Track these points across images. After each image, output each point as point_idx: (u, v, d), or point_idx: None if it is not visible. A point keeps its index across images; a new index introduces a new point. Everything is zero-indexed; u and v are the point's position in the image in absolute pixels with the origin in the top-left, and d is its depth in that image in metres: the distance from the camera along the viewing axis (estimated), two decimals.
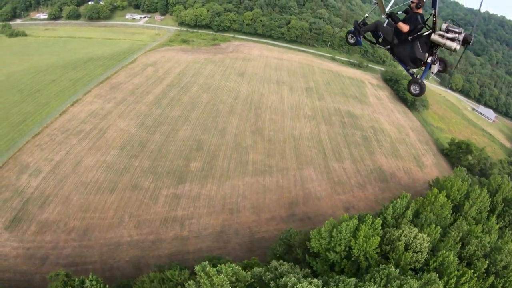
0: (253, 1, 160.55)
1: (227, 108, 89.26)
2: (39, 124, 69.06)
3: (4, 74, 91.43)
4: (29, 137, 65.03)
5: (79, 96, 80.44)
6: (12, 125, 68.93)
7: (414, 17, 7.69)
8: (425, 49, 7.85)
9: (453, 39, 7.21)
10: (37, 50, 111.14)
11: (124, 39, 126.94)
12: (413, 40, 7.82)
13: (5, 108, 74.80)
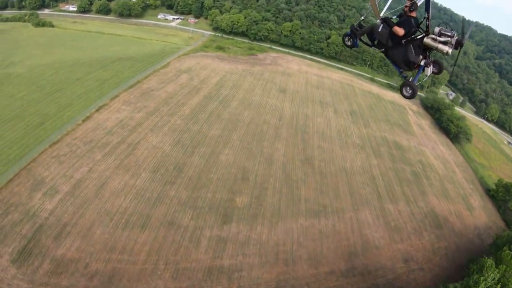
0: (292, 12, 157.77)
1: (272, 130, 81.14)
2: (59, 130, 61.66)
3: (26, 66, 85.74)
4: (46, 145, 57.55)
5: (105, 100, 73.26)
6: (28, 127, 61.89)
7: (408, 21, 7.97)
8: (419, 52, 8.16)
9: (446, 43, 7.52)
10: (63, 43, 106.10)
11: (156, 40, 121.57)
12: (406, 43, 8.13)
13: (22, 106, 68.16)
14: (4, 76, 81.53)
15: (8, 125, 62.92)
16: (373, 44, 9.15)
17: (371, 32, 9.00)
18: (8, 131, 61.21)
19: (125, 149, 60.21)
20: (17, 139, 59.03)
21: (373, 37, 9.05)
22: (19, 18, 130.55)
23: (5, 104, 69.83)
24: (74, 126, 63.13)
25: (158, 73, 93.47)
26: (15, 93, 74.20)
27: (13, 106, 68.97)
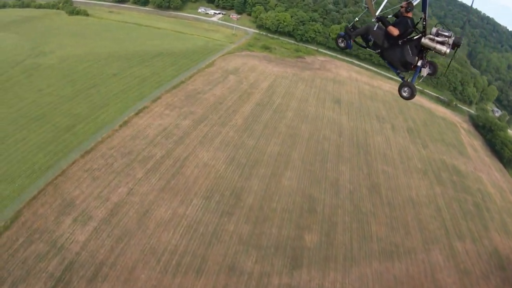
0: (341, 14, 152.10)
1: (334, 148, 71.18)
2: (92, 136, 53.07)
3: (57, 57, 79.03)
4: (77, 155, 49.00)
5: (146, 102, 64.59)
6: (57, 130, 53.85)
7: (404, 21, 8.20)
8: (415, 53, 8.35)
9: (443, 43, 7.74)
10: (98, 34, 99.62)
11: (198, 35, 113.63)
12: (403, 44, 8.33)
13: (51, 104, 60.51)
14: (33, 67, 74.90)
15: (34, 125, 55.14)
16: (368, 46, 9.11)
17: (366, 32, 9.04)
18: (33, 133, 53.28)
19: (171, 165, 50.72)
20: (44, 144, 50.87)
21: (368, 38, 9.09)
22: (52, 5, 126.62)
23: (31, 99, 62.53)
24: (110, 132, 54.44)
25: (203, 72, 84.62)
26: (43, 87, 67.02)
27: (40, 103, 61.48)
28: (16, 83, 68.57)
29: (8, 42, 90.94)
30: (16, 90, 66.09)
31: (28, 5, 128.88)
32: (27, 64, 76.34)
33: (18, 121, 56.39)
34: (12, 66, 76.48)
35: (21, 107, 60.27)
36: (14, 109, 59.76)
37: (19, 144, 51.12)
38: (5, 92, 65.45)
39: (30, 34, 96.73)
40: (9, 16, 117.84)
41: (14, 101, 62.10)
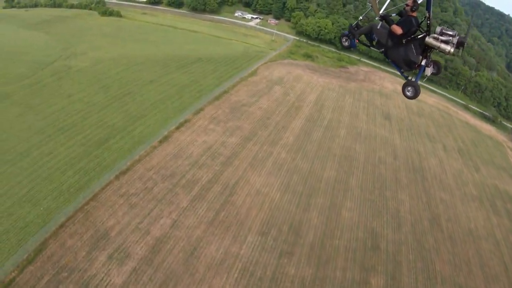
0: None
1: (391, 173, 64.90)
2: (129, 153, 46.92)
3: (89, 59, 74.65)
4: (112, 175, 42.79)
5: (187, 114, 58.46)
6: (88, 144, 48.09)
7: (409, 20, 8.28)
8: (419, 52, 8.49)
9: (447, 42, 7.82)
10: (132, 36, 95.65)
11: (236, 40, 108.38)
12: (407, 43, 8.45)
13: (82, 112, 55.23)
14: (63, 69, 70.59)
15: (62, 136, 49.60)
16: (372, 45, 9.30)
17: (370, 31, 9.14)
18: (62, 146, 47.65)
19: (220, 192, 43.76)
20: (73, 160, 45.00)
21: (372, 37, 9.17)
22: (85, 5, 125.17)
23: (61, 106, 57.50)
24: (148, 149, 48.18)
25: (246, 82, 78.35)
26: (74, 93, 62.15)
27: (70, 110, 56.30)
28: (44, 87, 64.13)
29: (39, 41, 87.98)
30: (45, 95, 61.45)
31: (60, 5, 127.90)
32: (57, 66, 72.19)
33: (45, 130, 51.13)
34: (41, 68, 72.57)
35: (48, 114, 55.22)
36: (41, 116, 54.75)
37: (46, 159, 45.54)
38: (32, 97, 60.95)
39: (62, 34, 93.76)
40: (40, 16, 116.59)
41: (41, 107, 57.26)
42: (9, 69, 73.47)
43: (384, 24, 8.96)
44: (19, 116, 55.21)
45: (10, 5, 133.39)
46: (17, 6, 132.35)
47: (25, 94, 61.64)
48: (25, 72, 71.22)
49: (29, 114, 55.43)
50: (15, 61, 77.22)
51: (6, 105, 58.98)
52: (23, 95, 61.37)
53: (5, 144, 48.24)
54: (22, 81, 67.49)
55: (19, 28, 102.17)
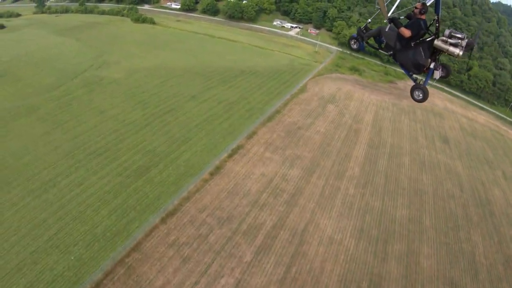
0: None
1: (460, 210, 55.40)
2: (175, 187, 39.01)
3: (123, 70, 68.50)
4: (157, 217, 35.14)
5: (239, 138, 50.76)
6: (125, 174, 40.60)
7: (417, 23, 8.39)
8: (428, 55, 8.54)
9: (456, 45, 7.85)
10: (167, 44, 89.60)
11: (278, 51, 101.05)
12: (415, 45, 8.55)
13: (117, 132, 48.20)
14: (95, 80, 64.41)
15: (94, 163, 42.36)
16: (380, 47, 9.38)
17: (378, 34, 9.19)
18: (94, 174, 40.29)
19: (288, 241, 35.35)
20: (108, 194, 37.43)
21: (380, 39, 9.23)
22: (117, 12, 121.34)
23: (92, 124, 50.70)
24: (198, 184, 40.23)
25: (297, 99, 70.31)
26: (107, 108, 55.40)
27: (103, 130, 49.29)
28: (74, 100, 57.83)
29: (69, 48, 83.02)
30: (74, 109, 55.00)
31: (91, 11, 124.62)
32: (89, 77, 66.14)
33: (74, 154, 44.08)
34: (71, 78, 66.75)
35: (78, 134, 48.40)
36: (69, 136, 47.97)
37: (76, 191, 38.25)
38: (61, 111, 54.66)
39: (93, 41, 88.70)
40: (71, 21, 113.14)
41: (70, 124, 50.64)
42: (37, 78, 68.11)
43: (392, 27, 8.80)
44: (45, 134, 48.69)
45: (40, 10, 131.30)
46: (47, 11, 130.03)
47: (52, 108, 55.45)
48: (54, 82, 65.54)
49: (56, 132, 48.90)
50: (44, 68, 71.99)
51: (32, 120, 52.80)
52: (50, 109, 55.21)
53: (29, 169, 41.46)
54: (50, 92, 61.66)
55: (50, 33, 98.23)
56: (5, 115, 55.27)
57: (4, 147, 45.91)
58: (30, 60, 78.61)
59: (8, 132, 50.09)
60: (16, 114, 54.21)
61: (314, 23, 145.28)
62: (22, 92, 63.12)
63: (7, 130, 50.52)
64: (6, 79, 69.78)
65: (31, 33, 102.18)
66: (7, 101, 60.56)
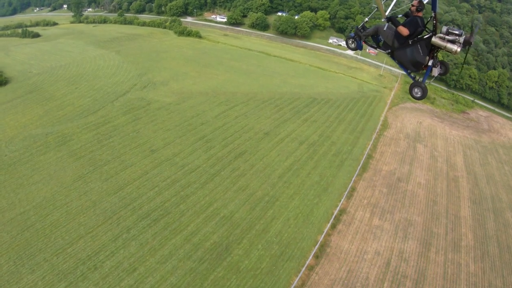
0: (495, 56, 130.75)
1: None
2: (270, 277, 25.63)
3: (174, 93, 57.62)
4: None
5: (336, 197, 36.67)
6: (198, 255, 28.89)
7: (414, 21, 8.43)
8: (426, 52, 8.57)
9: (454, 42, 7.88)
10: (220, 62, 78.45)
11: (343, 74, 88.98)
12: (413, 43, 8.59)
13: (177, 185, 35.89)
14: (140, 105, 53.35)
15: (150, 233, 30.27)
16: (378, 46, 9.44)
17: (376, 33, 9.25)
18: (152, 254, 28.34)
19: None
20: None
21: (378, 38, 9.35)
22: (158, 23, 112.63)
23: (141, 168, 39.05)
24: (303, 275, 26.79)
25: (384, 138, 58.15)
26: (158, 146, 44.00)
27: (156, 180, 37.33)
28: (116, 131, 46.41)
29: (108, 63, 72.98)
30: (116, 145, 43.51)
31: (131, 22, 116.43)
32: (133, 100, 55.06)
33: (120, 217, 32.15)
34: (111, 100, 55.88)
35: (123, 184, 36.59)
36: (112, 186, 36.16)
37: (126, 281, 25.66)
38: (99, 145, 43.42)
39: (135, 56, 78.67)
40: (110, 32, 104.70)
41: (112, 168, 39.03)
42: (70, 98, 57.74)
43: (390, 25, 8.80)
44: (79, 179, 37.18)
45: (78, 19, 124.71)
46: (85, 21, 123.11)
47: (88, 140, 44.23)
48: (90, 104, 54.80)
49: (93, 178, 37.25)
50: (79, 86, 61.77)
51: (63, 155, 41.51)
52: (86, 141, 44.03)
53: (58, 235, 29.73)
54: (85, 117, 50.74)
55: (87, 45, 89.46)
56: (31, 144, 44.48)
57: (27, 193, 34.96)
58: (64, 75, 68.88)
59: (34, 171, 39.03)
60: (44, 144, 43.43)
61: None
62: (52, 115, 52.59)
63: (32, 167, 39.52)
64: (35, 97, 59.78)
65: (67, 43, 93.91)
66: (34, 125, 49.96)
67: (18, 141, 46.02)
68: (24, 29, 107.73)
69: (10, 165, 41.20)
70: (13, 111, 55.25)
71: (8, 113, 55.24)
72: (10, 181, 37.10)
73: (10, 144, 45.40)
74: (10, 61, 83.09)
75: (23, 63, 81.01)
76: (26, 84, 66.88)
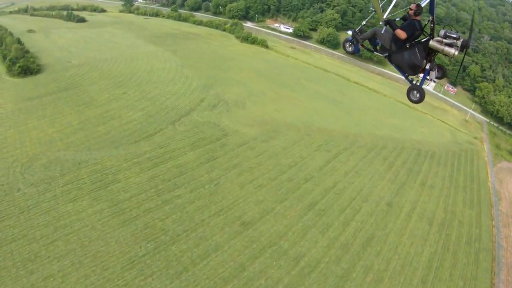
0: None
1: None
2: None
3: (256, 121, 43.18)
4: None
5: None
6: None
7: (412, 24, 8.27)
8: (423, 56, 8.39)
9: (451, 45, 7.76)
10: (298, 83, 63.46)
11: (430, 115, 75.82)
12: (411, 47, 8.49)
13: None
14: (211, 137, 38.45)
15: None
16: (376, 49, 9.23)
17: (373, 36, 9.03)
18: None
19: None
20: None
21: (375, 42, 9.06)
22: (217, 25, 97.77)
23: (230, 268, 23.07)
24: None
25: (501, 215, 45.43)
26: (252, 216, 29.35)
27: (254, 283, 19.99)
28: (182, 174, 31.55)
29: (163, 65, 58.61)
30: (183, 201, 28.53)
31: (186, 19, 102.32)
32: (201, 125, 39.85)
33: None
34: (172, 119, 40.83)
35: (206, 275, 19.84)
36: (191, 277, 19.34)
37: None
38: (156, 193, 29.04)
39: (195, 60, 64.11)
40: (163, 27, 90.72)
41: (184, 252, 24.25)
42: (115, 105, 43.11)
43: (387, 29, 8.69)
44: (131, 267, 21.89)
45: (127, 9, 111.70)
46: (135, 12, 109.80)
47: (143, 186, 29.38)
48: (144, 120, 39.61)
49: (154, 268, 21.52)
50: (127, 90, 47.10)
51: (101, 208, 27.15)
52: (138, 187, 29.62)
53: None
54: (137, 142, 35.60)
55: (139, 38, 75.39)
56: (55, 176, 29.32)
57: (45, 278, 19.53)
58: (109, 72, 54.37)
59: (56, 232, 25.19)
60: (74, 181, 29.92)
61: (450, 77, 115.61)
62: (90, 129, 37.89)
63: (55, 223, 25.73)
64: (71, 97, 45.20)
65: (114, 33, 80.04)
66: (63, 142, 35.16)
67: (39, 166, 30.96)
68: (69, 12, 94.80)
69: (22, 211, 26.60)
70: (39, 114, 40.50)
71: (33, 115, 40.48)
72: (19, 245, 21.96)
73: (28, 170, 30.52)
74: (48, 45, 69.34)
75: (62, 49, 67.10)
76: (61, 77, 52.45)
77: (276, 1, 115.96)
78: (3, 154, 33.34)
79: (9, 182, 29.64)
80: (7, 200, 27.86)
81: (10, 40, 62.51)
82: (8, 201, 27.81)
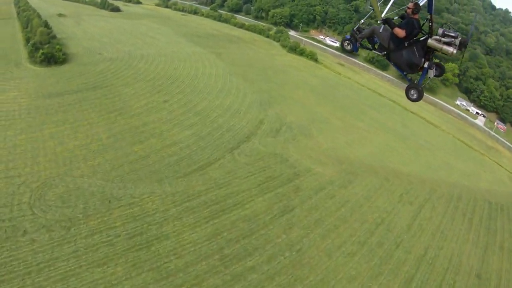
0: None
1: None
2: None
3: (328, 157, 35.32)
4: None
5: None
6: None
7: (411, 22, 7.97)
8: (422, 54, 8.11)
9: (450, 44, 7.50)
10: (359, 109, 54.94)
11: (488, 156, 68.55)
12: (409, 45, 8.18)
13: None
14: (282, 178, 29.44)
15: None
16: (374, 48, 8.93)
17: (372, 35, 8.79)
18: None
19: None
20: None
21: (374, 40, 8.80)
22: (260, 30, 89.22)
23: None
24: None
25: None
26: None
27: None
28: (253, 233, 23.58)
29: (209, 70, 50.79)
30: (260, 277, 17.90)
31: (227, 21, 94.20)
32: (266, 157, 31.48)
33: None
34: (229, 145, 32.55)
35: None
36: None
37: None
38: (221, 261, 20.83)
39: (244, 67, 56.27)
40: (203, 26, 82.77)
41: None
42: (156, 118, 34.72)
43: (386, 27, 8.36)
44: None
45: (165, 3, 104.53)
46: (172, 7, 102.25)
47: (201, 249, 20.78)
48: (193, 143, 31.23)
49: None
50: (171, 98, 39.48)
51: (145, 281, 17.41)
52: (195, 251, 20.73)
53: None
54: (187, 175, 27.58)
55: (178, 36, 67.51)
56: (75, 221, 21.28)
57: None
58: (147, 72, 46.19)
59: None
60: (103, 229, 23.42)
61: (501, 114, 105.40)
62: (123, 150, 30.23)
63: None
64: (100, 100, 37.17)
65: (151, 27, 72.19)
66: (87, 165, 26.40)
67: (54, 197, 23.17)
68: (104, 0, 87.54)
69: (29, 271, 18.83)
70: (59, 118, 32.15)
71: (52, 118, 32.19)
72: None
73: (39, 201, 23.22)
74: (78, 32, 61.56)
75: (93, 38, 59.17)
76: (90, 72, 44.27)
77: (322, 11, 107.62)
78: (9, 171, 24.87)
79: (12, 217, 21.30)
80: (7, 248, 19.39)
81: (36, 22, 54.66)
82: (10, 249, 19.35)
